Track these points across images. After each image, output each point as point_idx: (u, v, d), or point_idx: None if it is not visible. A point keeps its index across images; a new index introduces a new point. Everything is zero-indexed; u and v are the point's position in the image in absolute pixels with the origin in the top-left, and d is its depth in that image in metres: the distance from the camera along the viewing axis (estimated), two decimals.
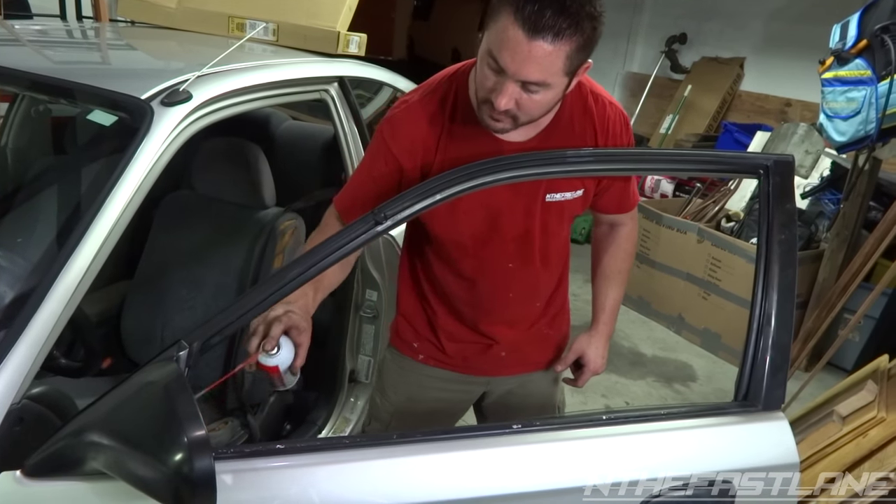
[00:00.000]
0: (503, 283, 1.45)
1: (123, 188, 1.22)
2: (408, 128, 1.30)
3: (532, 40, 1.06)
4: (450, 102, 1.30)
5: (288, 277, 1.04)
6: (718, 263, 3.74)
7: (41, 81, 1.49)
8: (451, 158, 1.28)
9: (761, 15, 5.18)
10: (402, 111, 1.33)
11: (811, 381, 2.84)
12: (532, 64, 1.08)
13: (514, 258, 1.41)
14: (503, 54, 1.09)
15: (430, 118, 1.30)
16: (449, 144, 1.30)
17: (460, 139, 1.30)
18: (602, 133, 1.35)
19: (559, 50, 1.08)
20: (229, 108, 1.58)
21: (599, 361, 1.57)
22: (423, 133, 1.30)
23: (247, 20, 2.13)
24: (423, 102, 1.32)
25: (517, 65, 1.09)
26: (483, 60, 1.15)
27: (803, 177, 4.21)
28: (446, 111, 1.30)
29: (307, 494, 1.04)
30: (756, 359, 1.22)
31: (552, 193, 1.35)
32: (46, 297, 1.05)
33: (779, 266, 1.25)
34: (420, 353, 1.56)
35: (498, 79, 1.13)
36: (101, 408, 0.95)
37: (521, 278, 1.45)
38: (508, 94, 1.12)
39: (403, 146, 1.30)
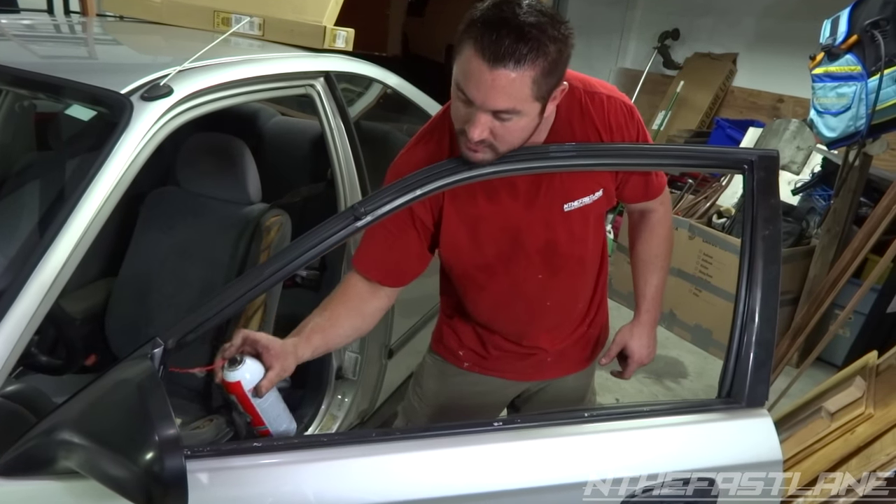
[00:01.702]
0: (538, 294, 1.45)
1: (101, 184, 1.20)
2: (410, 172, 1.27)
3: (494, 69, 1.05)
4: (446, 138, 1.31)
5: (265, 274, 1.03)
6: (710, 259, 3.74)
7: (21, 76, 1.47)
8: (460, 192, 1.30)
9: (754, 11, 5.17)
10: (402, 157, 1.35)
11: (801, 377, 2.84)
12: (497, 93, 1.07)
13: (543, 269, 1.41)
14: (469, 86, 1.09)
15: (429, 157, 1.29)
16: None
17: None
18: (605, 130, 1.33)
19: (523, 76, 1.06)
20: (212, 104, 1.56)
21: (644, 352, 1.55)
22: None
23: (232, 14, 2.11)
24: (421, 143, 1.34)
25: (483, 95, 1.08)
26: (455, 93, 1.14)
27: (795, 173, 4.19)
28: (444, 147, 1.31)
29: (284, 493, 1.04)
30: (740, 355, 1.22)
31: (569, 203, 1.35)
32: (20, 294, 1.04)
33: (763, 262, 1.24)
34: (465, 362, 1.58)
35: (468, 110, 1.12)
36: (74, 406, 0.94)
37: (555, 287, 1.45)
38: (481, 125, 1.11)
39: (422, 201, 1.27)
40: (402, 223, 1.32)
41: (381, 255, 1.35)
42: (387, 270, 1.36)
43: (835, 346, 3.41)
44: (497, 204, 1.33)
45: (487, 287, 1.44)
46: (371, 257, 1.35)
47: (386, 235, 1.33)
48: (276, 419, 1.17)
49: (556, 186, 1.34)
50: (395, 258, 1.35)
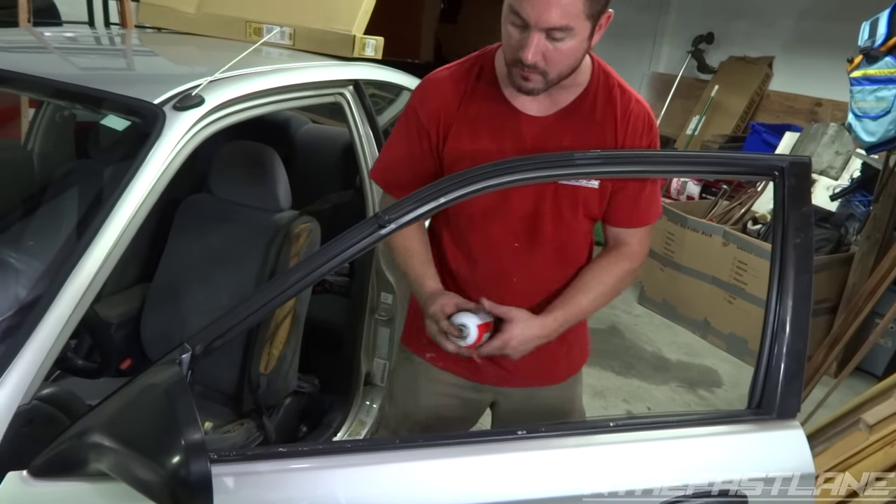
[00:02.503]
0: (508, 264, 1.40)
1: (134, 192, 1.23)
2: (434, 93, 1.37)
3: None
4: (475, 72, 1.36)
5: (291, 281, 1.04)
6: (744, 267, 3.67)
7: (60, 88, 1.52)
8: (470, 118, 1.34)
9: (790, 13, 5.08)
10: (431, 80, 1.40)
11: (840, 388, 2.77)
12: (552, 8, 1.11)
13: (521, 238, 1.38)
14: (524, 5, 1.13)
15: (455, 83, 1.36)
16: (469, 105, 1.34)
17: (480, 102, 1.34)
18: (622, 125, 1.32)
19: None
20: (242, 112, 1.58)
21: (515, 341, 1.30)
22: (448, 96, 1.35)
23: (263, 25, 2.15)
24: (451, 71, 1.39)
25: (538, 12, 1.12)
26: (506, 21, 1.19)
27: (833, 178, 4.12)
28: (472, 77, 1.35)
29: (310, 498, 1.04)
30: (770, 366, 1.19)
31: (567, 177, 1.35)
32: (56, 300, 1.07)
33: (794, 271, 1.21)
34: (427, 351, 1.53)
35: (522, 35, 1.17)
36: (105, 410, 0.96)
37: (526, 263, 1.40)
38: (535, 46, 1.15)
39: (430, 113, 1.36)
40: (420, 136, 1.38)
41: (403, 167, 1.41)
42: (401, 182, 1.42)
43: (874, 355, 3.32)
44: (499, 150, 1.31)
45: (464, 238, 1.42)
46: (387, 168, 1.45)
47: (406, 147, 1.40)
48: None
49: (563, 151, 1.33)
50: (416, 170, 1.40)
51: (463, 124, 1.34)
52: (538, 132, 1.32)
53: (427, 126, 1.36)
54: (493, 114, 1.33)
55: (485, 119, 1.33)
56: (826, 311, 3.59)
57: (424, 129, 1.37)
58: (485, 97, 1.34)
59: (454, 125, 1.34)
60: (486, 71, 1.35)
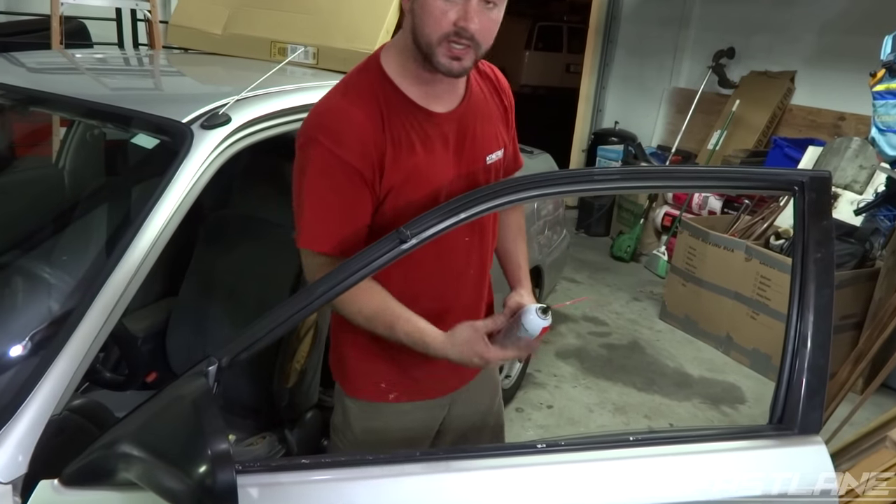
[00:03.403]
0: (463, 260, 1.41)
1: (162, 209, 1.27)
2: (352, 131, 1.21)
3: None
4: (377, 92, 1.25)
5: (314, 295, 1.07)
6: (767, 282, 3.64)
7: (90, 107, 1.57)
8: (397, 137, 1.25)
9: (812, 27, 5.05)
10: (335, 117, 1.23)
11: (866, 405, 2.73)
12: None
13: (468, 230, 1.38)
14: None
15: (365, 110, 1.23)
16: (392, 126, 1.25)
17: (400, 118, 1.26)
18: (503, 91, 1.45)
19: None
20: (268, 130, 1.63)
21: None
22: (367, 126, 1.22)
23: (288, 45, 2.20)
24: (351, 101, 1.24)
25: None
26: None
27: (858, 192, 4.08)
28: (378, 102, 1.24)
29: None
30: (792, 381, 1.19)
31: (489, 155, 1.39)
32: (87, 313, 1.10)
33: (815, 286, 1.21)
34: (390, 393, 1.45)
35: (461, 6, 1.16)
36: (133, 420, 0.99)
37: (476, 252, 1.43)
38: (475, 11, 1.16)
39: (357, 152, 1.21)
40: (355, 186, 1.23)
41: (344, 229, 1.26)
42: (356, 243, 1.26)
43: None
44: (431, 154, 1.30)
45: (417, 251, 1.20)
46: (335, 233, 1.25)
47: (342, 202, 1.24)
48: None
49: (478, 137, 1.37)
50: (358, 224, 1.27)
51: (396, 148, 1.25)
52: (456, 126, 1.34)
53: (359, 167, 1.22)
54: (415, 125, 1.28)
55: (412, 133, 1.27)
56: (852, 326, 3.54)
57: (357, 172, 1.22)
58: (401, 113, 1.26)
59: (388, 153, 1.24)
60: (387, 86, 1.27)
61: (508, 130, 1.49)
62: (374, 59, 1.30)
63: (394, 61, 1.28)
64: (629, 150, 5.59)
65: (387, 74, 1.27)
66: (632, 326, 4.18)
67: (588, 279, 4.89)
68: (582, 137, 6.55)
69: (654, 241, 5.34)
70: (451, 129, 1.33)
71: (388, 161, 1.24)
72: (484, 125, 1.38)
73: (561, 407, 3.26)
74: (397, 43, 1.30)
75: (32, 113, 2.23)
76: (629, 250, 5.26)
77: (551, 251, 3.24)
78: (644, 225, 5.32)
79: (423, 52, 1.21)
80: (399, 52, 1.28)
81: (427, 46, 1.20)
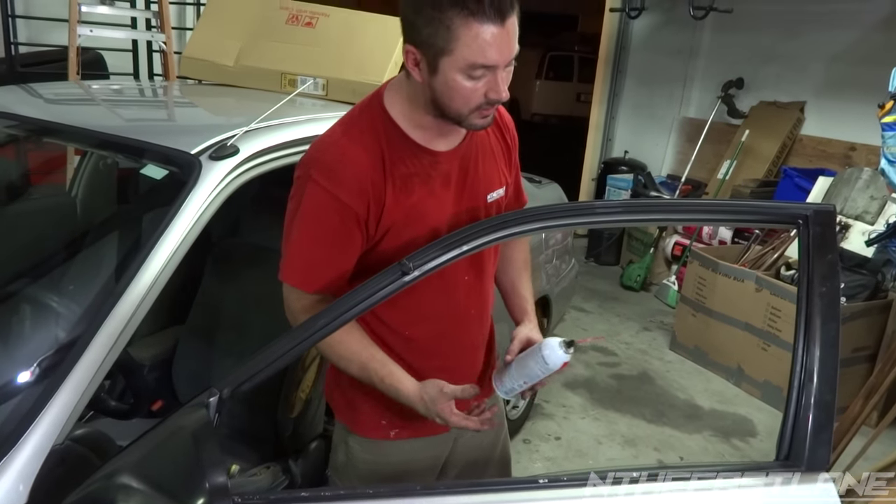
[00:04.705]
0: (464, 299, 1.41)
1: (169, 239, 1.28)
2: (350, 169, 1.21)
3: (504, 23, 1.12)
4: (379, 131, 1.26)
5: (316, 326, 1.07)
6: (778, 313, 3.61)
7: (102, 138, 1.60)
8: (400, 178, 1.25)
9: (821, 58, 5.07)
10: (333, 155, 1.22)
11: (881, 438, 2.68)
12: (512, 40, 1.15)
13: (469, 270, 1.38)
14: (489, 54, 1.13)
15: (367, 150, 1.23)
16: (395, 166, 1.25)
17: (403, 159, 1.26)
18: (506, 129, 1.44)
19: (517, 14, 1.15)
20: (276, 161, 1.65)
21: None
22: (367, 167, 1.22)
23: (298, 76, 2.24)
24: (351, 138, 1.24)
25: (506, 52, 1.14)
26: (462, 78, 1.15)
27: (869, 223, 4.05)
28: (379, 141, 1.25)
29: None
30: (798, 417, 1.18)
31: (491, 193, 1.39)
32: (91, 343, 1.11)
33: (821, 320, 1.20)
34: (391, 430, 1.44)
35: (489, 78, 1.16)
36: (134, 452, 0.99)
37: (477, 291, 1.43)
38: (503, 82, 1.17)
39: (353, 191, 1.21)
40: (348, 227, 1.23)
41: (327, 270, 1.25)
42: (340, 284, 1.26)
43: None
44: (431, 193, 1.30)
45: (418, 289, 1.21)
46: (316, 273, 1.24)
47: (333, 244, 1.23)
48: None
49: (480, 175, 1.37)
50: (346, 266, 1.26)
51: (396, 186, 1.25)
52: (458, 164, 1.34)
53: (354, 207, 1.21)
54: (417, 165, 1.28)
55: (413, 173, 1.27)
56: (865, 359, 3.49)
57: (351, 211, 1.21)
58: (404, 153, 1.27)
59: (388, 193, 1.24)
60: (387, 123, 1.27)
61: (511, 169, 1.48)
62: (377, 99, 1.30)
63: (398, 106, 1.27)
64: (639, 180, 5.60)
65: (390, 115, 1.27)
66: (641, 357, 4.14)
67: (597, 308, 4.87)
68: (592, 166, 6.57)
69: (664, 271, 5.31)
70: (452, 167, 1.33)
71: (388, 200, 1.24)
72: (485, 163, 1.38)
73: (569, 439, 3.22)
74: (402, 90, 1.28)
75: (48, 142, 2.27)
76: (639, 280, 5.25)
77: (559, 280, 3.23)
78: (654, 254, 5.31)
79: (452, 119, 1.22)
80: (406, 100, 1.27)
81: (458, 117, 1.21)
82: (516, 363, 1.36)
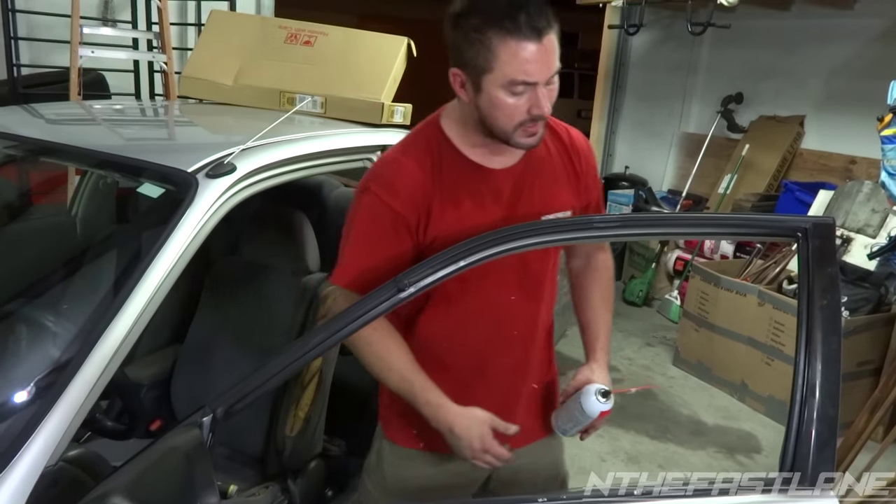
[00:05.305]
0: (507, 318, 1.40)
1: (165, 257, 1.28)
2: (403, 180, 1.31)
3: (542, 39, 1.17)
4: (433, 148, 1.33)
5: (310, 345, 1.06)
6: (781, 327, 3.58)
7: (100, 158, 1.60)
8: (448, 190, 1.32)
9: (820, 72, 5.08)
10: (390, 169, 1.34)
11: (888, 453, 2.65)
12: (552, 57, 1.19)
13: (515, 289, 1.38)
14: (529, 70, 1.18)
15: (419, 163, 1.32)
16: (443, 178, 1.32)
17: (452, 172, 1.33)
18: (574, 153, 1.43)
19: (555, 32, 1.19)
20: (273, 179, 1.65)
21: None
22: (418, 178, 1.31)
23: (297, 94, 2.24)
24: (407, 155, 1.34)
25: (543, 68, 1.19)
26: (503, 94, 1.21)
27: (871, 236, 4.04)
28: (433, 152, 1.33)
29: None
30: (801, 432, 1.16)
31: (548, 214, 1.37)
32: (84, 363, 1.10)
33: (822, 333, 1.19)
34: (421, 441, 1.45)
35: (530, 94, 1.21)
36: (126, 472, 0.98)
37: (522, 312, 1.42)
38: (545, 98, 1.21)
39: (405, 200, 1.30)
40: (399, 233, 1.30)
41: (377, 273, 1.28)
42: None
43: None
44: (480, 207, 1.33)
45: (457, 302, 1.36)
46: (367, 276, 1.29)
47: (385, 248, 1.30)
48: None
49: (535, 195, 1.36)
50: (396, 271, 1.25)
51: (444, 199, 1.32)
52: (512, 183, 1.36)
53: (406, 215, 1.30)
54: (467, 179, 1.33)
55: (463, 187, 1.33)
56: (869, 373, 3.46)
57: (403, 219, 1.30)
58: (455, 168, 1.33)
59: (435, 202, 1.31)
60: (442, 141, 1.34)
61: (579, 195, 1.45)
62: (435, 120, 1.38)
63: (454, 128, 1.34)
64: (640, 195, 5.60)
65: (446, 134, 1.35)
66: (644, 373, 4.12)
67: None
68: None
69: (666, 286, 5.30)
70: (505, 184, 1.35)
71: (435, 211, 1.31)
72: (544, 184, 1.38)
73: (572, 455, 3.16)
74: (455, 113, 1.35)
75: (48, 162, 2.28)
76: (641, 294, 5.23)
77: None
78: (656, 269, 5.29)
79: (500, 137, 1.27)
80: (459, 122, 1.34)
81: (503, 134, 1.26)
82: (566, 405, 1.37)
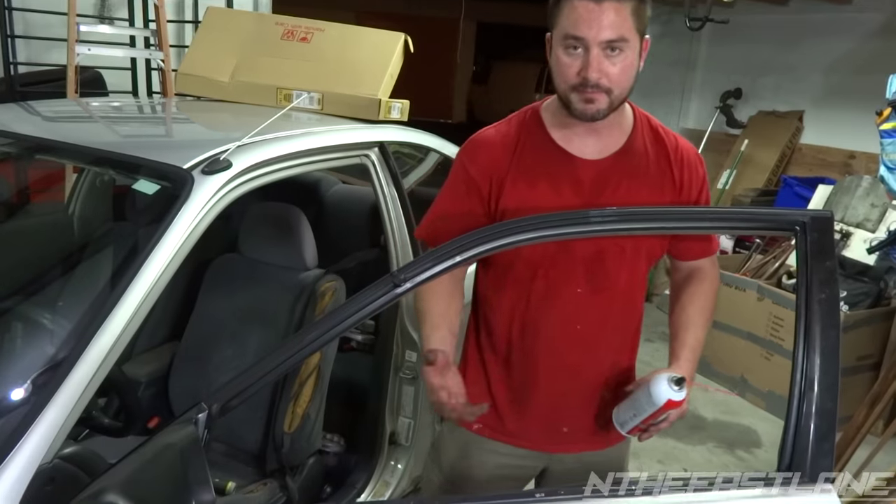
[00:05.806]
0: (572, 312, 1.38)
1: (160, 254, 1.27)
2: (485, 149, 1.39)
3: (601, 2, 1.17)
4: (523, 125, 1.39)
5: (305, 341, 1.06)
6: (781, 322, 3.58)
7: (96, 155, 1.59)
8: (524, 168, 1.35)
9: (818, 68, 5.08)
10: (480, 137, 1.43)
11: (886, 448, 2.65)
12: (608, 22, 1.18)
13: (584, 283, 1.36)
14: (580, 26, 1.19)
15: (503, 138, 1.39)
16: (522, 156, 1.36)
17: (533, 151, 1.36)
18: (677, 163, 1.39)
19: (624, 6, 1.19)
20: (269, 175, 1.64)
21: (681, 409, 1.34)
22: (498, 151, 1.37)
23: (293, 91, 2.23)
24: (498, 129, 1.42)
25: (596, 28, 1.18)
26: (560, 51, 1.24)
27: (870, 231, 4.04)
28: (520, 131, 1.39)
29: None
30: (799, 426, 1.16)
31: None
32: (79, 361, 1.09)
33: (820, 327, 1.18)
34: (476, 423, 1.46)
35: (582, 56, 1.21)
36: (121, 469, 0.97)
37: (590, 309, 1.38)
38: (596, 61, 1.20)
39: (480, 168, 1.37)
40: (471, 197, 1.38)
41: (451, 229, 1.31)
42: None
43: None
44: (556, 192, 1.33)
45: (524, 285, 1.38)
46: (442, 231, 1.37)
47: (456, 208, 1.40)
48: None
49: (621, 193, 1.34)
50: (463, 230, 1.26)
51: (518, 176, 1.35)
52: (595, 175, 1.34)
53: (478, 180, 1.37)
54: (548, 161, 1.35)
55: (541, 167, 1.35)
56: (869, 367, 3.46)
57: (475, 183, 1.38)
58: (537, 146, 1.36)
59: (509, 178, 1.35)
60: (533, 123, 1.39)
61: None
62: (535, 106, 1.42)
63: (551, 106, 1.38)
64: None
65: (539, 114, 1.39)
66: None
67: None
68: None
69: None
70: (587, 175, 1.34)
71: (507, 186, 1.35)
72: (632, 184, 1.35)
73: None
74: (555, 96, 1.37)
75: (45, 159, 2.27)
76: None
77: None
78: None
79: (563, 101, 1.29)
80: (555, 101, 1.36)
81: (564, 96, 1.28)
82: (632, 395, 1.35)
